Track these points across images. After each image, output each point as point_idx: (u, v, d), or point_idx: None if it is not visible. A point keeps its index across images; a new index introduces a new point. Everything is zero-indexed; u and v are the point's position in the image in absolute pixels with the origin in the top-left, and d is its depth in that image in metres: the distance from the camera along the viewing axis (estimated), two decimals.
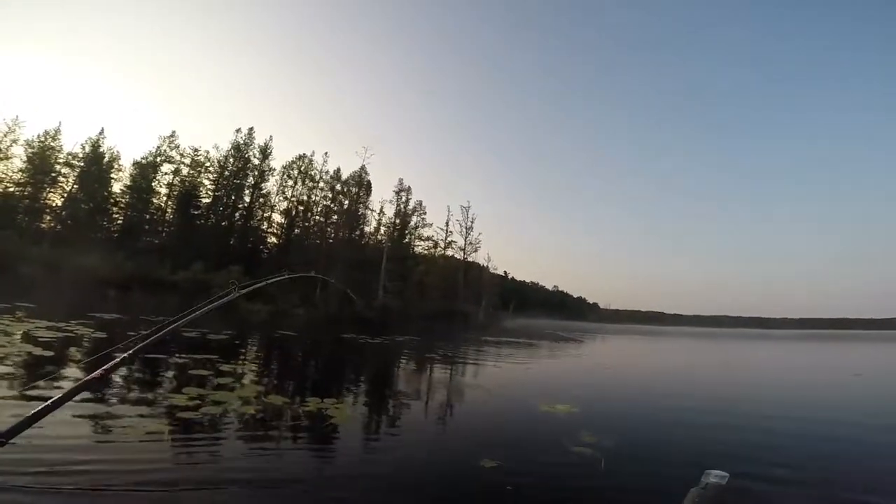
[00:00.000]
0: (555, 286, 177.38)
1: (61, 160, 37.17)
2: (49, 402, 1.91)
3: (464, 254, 53.13)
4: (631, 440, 5.45)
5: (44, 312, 11.79)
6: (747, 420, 7.43)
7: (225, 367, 7.43)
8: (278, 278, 4.70)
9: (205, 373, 6.84)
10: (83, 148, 38.67)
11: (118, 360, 2.43)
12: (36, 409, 1.84)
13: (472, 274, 55.96)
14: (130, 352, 2.55)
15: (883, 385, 13.53)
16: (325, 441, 4.51)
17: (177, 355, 8.16)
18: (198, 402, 5.16)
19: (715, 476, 2.97)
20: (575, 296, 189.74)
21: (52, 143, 37.26)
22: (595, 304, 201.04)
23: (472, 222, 53.12)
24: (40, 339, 7.75)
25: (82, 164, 37.76)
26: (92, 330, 9.74)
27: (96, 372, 2.34)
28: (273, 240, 46.83)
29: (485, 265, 60.39)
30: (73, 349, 8.01)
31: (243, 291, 3.61)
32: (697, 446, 5.63)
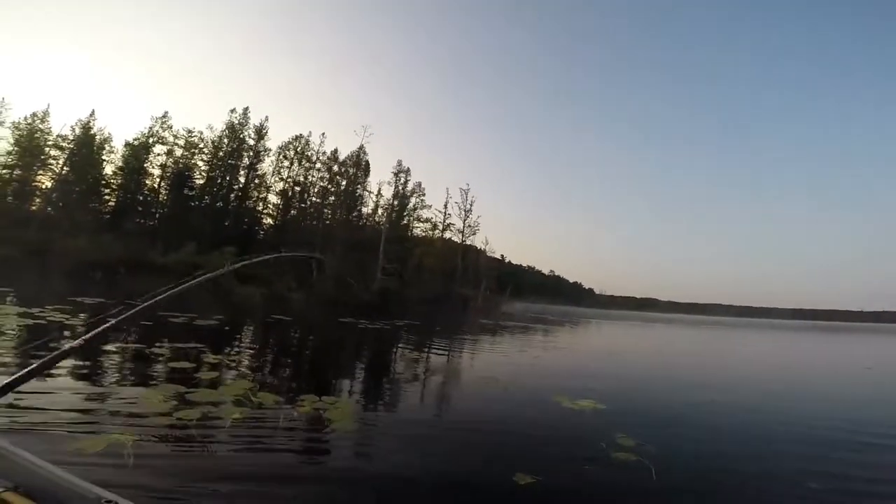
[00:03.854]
0: (551, 271, 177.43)
1: (50, 142, 36.39)
2: (24, 370, 1.85)
3: (462, 236, 52.36)
4: (674, 444, 4.77)
5: (20, 298, 10.99)
6: (797, 420, 6.83)
7: (210, 359, 6.67)
8: (273, 256, 3.97)
9: (187, 365, 6.07)
10: (73, 130, 37.83)
11: (100, 328, 2.45)
12: (11, 378, 1.74)
13: (469, 257, 55.27)
14: (115, 320, 2.58)
15: None
16: (321, 452, 3.77)
17: (157, 344, 7.38)
18: (174, 403, 4.41)
19: None
20: (571, 281, 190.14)
21: (40, 126, 36.40)
22: (591, 290, 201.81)
23: (471, 205, 52.20)
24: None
25: (72, 146, 36.90)
26: (67, 317, 8.93)
27: (76, 341, 2.37)
28: (269, 221, 46.04)
29: (482, 248, 59.83)
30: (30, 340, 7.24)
31: (236, 266, 3.36)
32: (751, 452, 4.96)
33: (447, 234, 52.33)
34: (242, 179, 43.89)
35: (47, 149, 36.12)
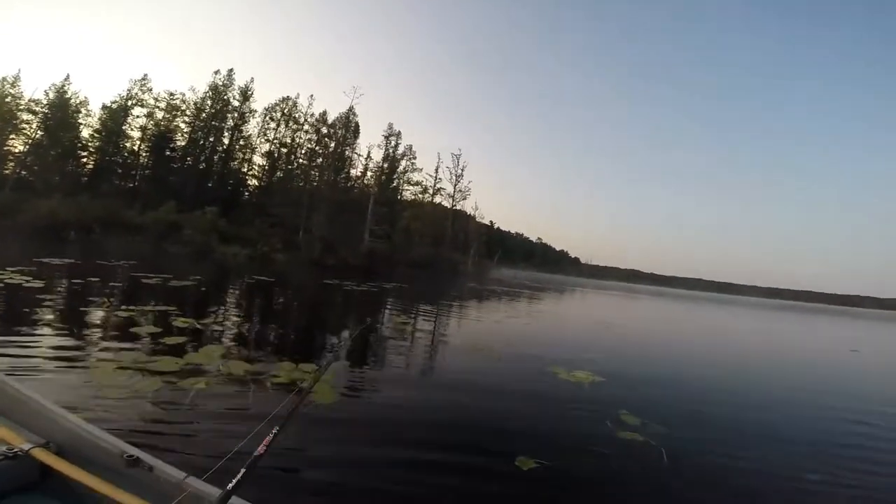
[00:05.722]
0: (539, 238, 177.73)
1: (22, 107, 35.08)
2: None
3: (452, 201, 51.58)
4: (678, 423, 4.46)
5: None
6: (797, 401, 6.72)
7: (179, 323, 6.12)
8: None
9: (152, 330, 5.53)
10: (46, 94, 36.53)
11: None
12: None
13: (459, 222, 54.71)
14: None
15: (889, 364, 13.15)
16: (295, 431, 3.29)
17: (123, 307, 6.80)
18: (130, 372, 3.90)
19: None
20: (557, 249, 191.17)
21: (10, 91, 35.10)
22: (577, 259, 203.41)
23: (462, 170, 51.26)
24: None
25: (46, 110, 35.69)
26: (27, 279, 8.23)
27: None
28: (254, 182, 44.70)
29: (472, 214, 59.21)
30: None
31: None
32: (760, 431, 4.68)
33: (437, 199, 51.62)
34: (227, 141, 42.42)
35: (19, 113, 34.92)
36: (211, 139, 41.22)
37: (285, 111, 45.17)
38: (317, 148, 43.06)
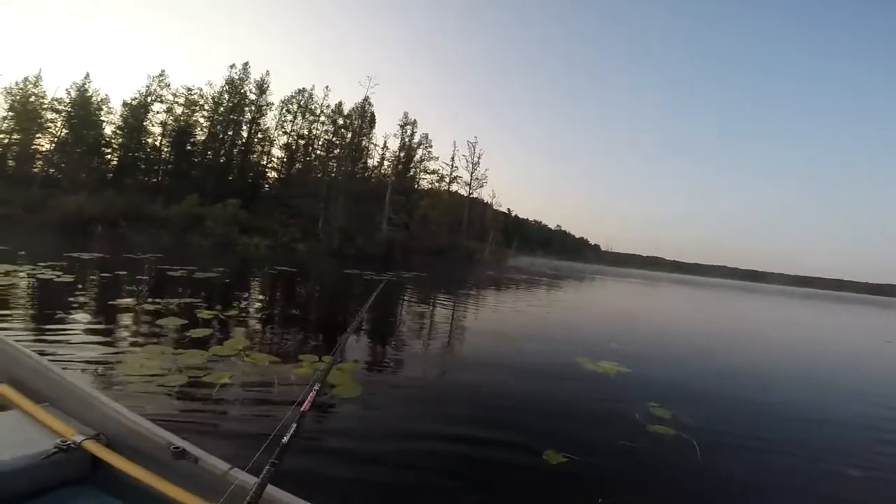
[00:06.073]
0: (557, 225, 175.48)
1: (46, 106, 36.24)
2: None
3: (469, 189, 51.23)
4: (711, 417, 4.32)
5: (12, 255, 10.57)
6: (835, 397, 6.50)
7: (204, 314, 6.20)
8: None
9: (178, 322, 5.61)
10: (68, 93, 37.55)
11: None
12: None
13: (476, 210, 54.44)
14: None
15: None
16: (319, 424, 3.28)
17: (150, 300, 6.92)
18: (157, 365, 3.95)
19: None
20: (577, 236, 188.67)
21: (33, 90, 36.16)
22: (596, 246, 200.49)
23: (478, 158, 50.74)
24: None
25: (69, 108, 36.73)
26: (59, 273, 8.45)
27: None
28: (273, 174, 45.28)
29: (489, 202, 58.82)
30: (21, 298, 6.80)
31: None
32: (794, 424, 4.51)
33: (454, 187, 51.36)
34: (245, 134, 43.00)
35: (43, 112, 36.07)
36: (230, 133, 41.76)
37: (301, 103, 45.32)
38: (334, 139, 43.17)
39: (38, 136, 35.59)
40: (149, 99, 39.63)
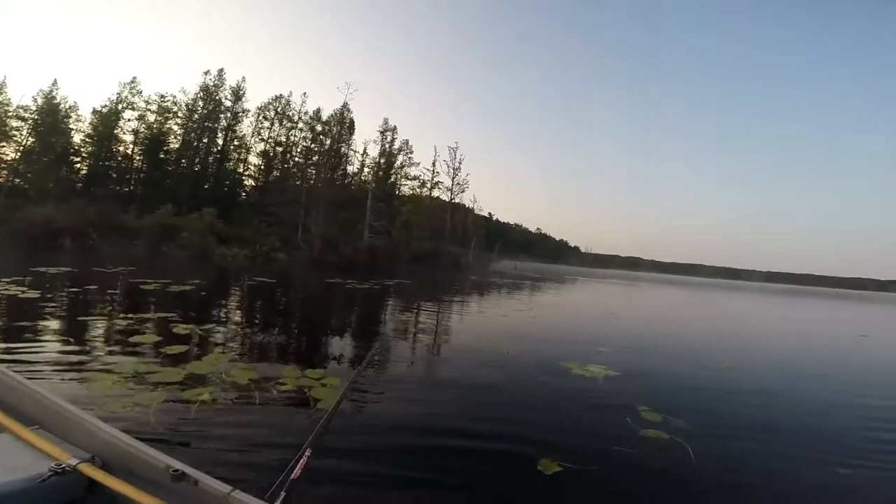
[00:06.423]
0: (538, 228, 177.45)
1: (10, 113, 34.74)
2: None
3: (451, 194, 51.33)
4: (702, 419, 4.31)
5: None
6: (823, 394, 6.58)
7: (180, 329, 5.95)
8: None
9: (152, 338, 5.36)
10: (34, 100, 35.94)
11: None
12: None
13: (458, 215, 54.49)
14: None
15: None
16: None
17: (121, 316, 6.62)
18: (130, 385, 3.73)
19: None
20: (557, 238, 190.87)
21: None
22: (576, 248, 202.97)
23: (459, 163, 50.95)
24: None
25: (36, 116, 35.22)
26: (23, 290, 8.03)
27: None
28: (250, 182, 44.45)
29: (471, 206, 58.99)
30: None
31: None
32: (782, 422, 4.55)
33: (435, 193, 51.41)
34: (221, 142, 42.06)
35: (7, 120, 34.56)
36: (205, 140, 40.73)
37: (278, 110, 44.76)
38: (312, 146, 42.71)
39: (2, 144, 34.12)
40: (120, 106, 38.45)
